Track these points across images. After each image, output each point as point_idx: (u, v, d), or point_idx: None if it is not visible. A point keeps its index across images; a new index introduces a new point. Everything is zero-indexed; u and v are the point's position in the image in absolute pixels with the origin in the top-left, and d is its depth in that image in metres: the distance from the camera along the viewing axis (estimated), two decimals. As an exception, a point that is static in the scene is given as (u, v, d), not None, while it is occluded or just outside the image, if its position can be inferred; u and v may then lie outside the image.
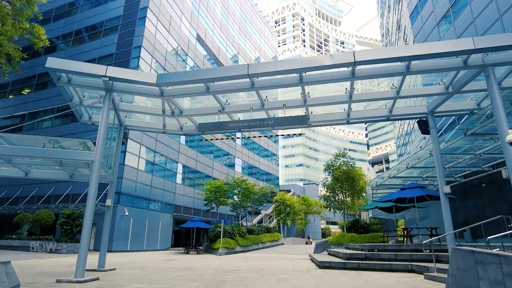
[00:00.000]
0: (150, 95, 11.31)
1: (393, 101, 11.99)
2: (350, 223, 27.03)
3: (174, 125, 14.37)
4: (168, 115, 12.77)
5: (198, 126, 11.98)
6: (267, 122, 11.37)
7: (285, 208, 49.08)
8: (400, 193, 16.65)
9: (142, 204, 31.83)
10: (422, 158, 16.82)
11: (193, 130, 14.15)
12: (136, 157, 31.36)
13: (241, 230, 31.38)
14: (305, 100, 11.55)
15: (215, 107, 12.43)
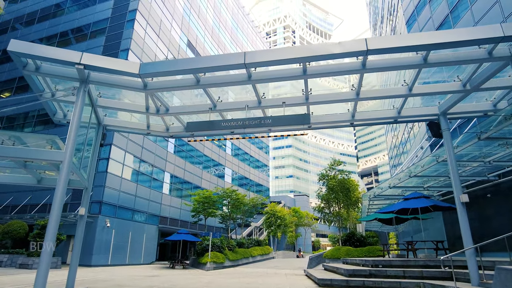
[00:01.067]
0: (132, 88, 9.93)
1: (403, 101, 10.88)
2: (346, 236, 25.74)
3: (159, 125, 12.96)
4: (152, 113, 11.37)
5: (186, 126, 10.61)
6: (264, 122, 10.07)
7: (275, 220, 47.48)
8: (404, 203, 15.47)
9: (125, 215, 29.91)
10: (427, 166, 15.72)
11: (180, 131, 12.75)
12: (120, 164, 29.59)
13: (230, 243, 29.70)
14: (307, 97, 10.32)
15: (205, 104, 11.11)
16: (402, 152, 37.02)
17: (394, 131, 43.28)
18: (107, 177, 27.60)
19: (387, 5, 38.11)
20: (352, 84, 10.21)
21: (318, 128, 12.16)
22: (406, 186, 20.30)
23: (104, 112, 12.54)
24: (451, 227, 21.72)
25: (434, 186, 20.05)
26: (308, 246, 71.80)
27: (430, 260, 12.18)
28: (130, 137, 31.07)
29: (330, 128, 12.59)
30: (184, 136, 13.47)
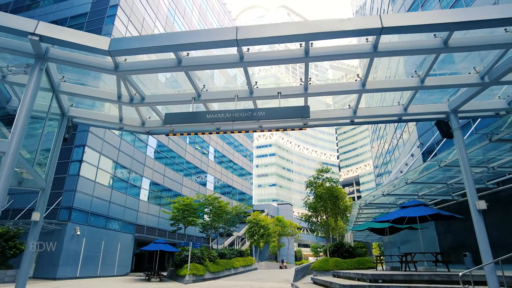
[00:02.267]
0: (100, 68, 8.34)
1: (411, 96, 9.72)
2: (334, 247, 24.44)
3: (134, 119, 11.32)
4: (125, 102, 9.76)
5: (164, 118, 9.06)
6: (256, 114, 8.65)
7: (259, 229, 45.79)
8: (402, 211, 14.30)
9: (98, 223, 27.62)
10: (426, 172, 14.68)
11: (158, 126, 11.17)
12: (94, 167, 27.41)
13: (211, 254, 27.86)
14: (306, 87, 9.00)
15: (187, 93, 9.60)
16: (389, 160, 36.37)
17: (381, 139, 42.79)
18: (78, 181, 25.38)
19: (375, 12, 37.84)
20: (357, 74, 8.96)
21: (316, 125, 10.87)
22: (400, 194, 19.26)
23: (70, 102, 10.81)
24: (444, 237, 20.80)
25: (428, 194, 19.12)
26: (291, 257, 70.22)
27: (436, 275, 10.95)
28: (106, 138, 28.99)
29: (329, 126, 11.31)
30: (162, 132, 11.91)
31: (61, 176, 25.67)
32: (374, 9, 38.78)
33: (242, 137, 67.99)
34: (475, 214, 8.98)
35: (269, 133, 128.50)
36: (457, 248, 19.05)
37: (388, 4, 28.46)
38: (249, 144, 71.89)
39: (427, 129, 22.91)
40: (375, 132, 49.00)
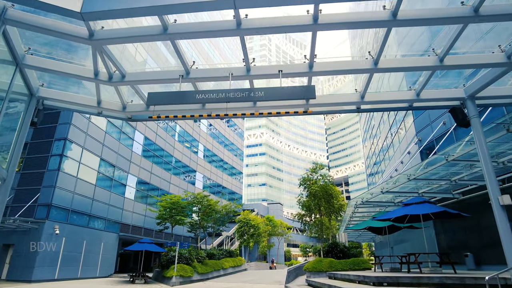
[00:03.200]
0: (72, 36, 7.07)
1: (427, 78, 8.72)
2: (328, 247, 23.48)
3: (114, 102, 10.05)
4: (103, 80, 8.49)
5: (148, 98, 7.83)
6: (255, 94, 7.52)
7: (249, 229, 44.61)
8: (405, 209, 13.34)
9: (80, 221, 26.04)
10: (431, 167, 13.77)
11: (141, 111, 9.93)
12: (75, 162, 25.82)
13: (200, 254, 26.59)
14: (311, 64, 7.89)
15: (174, 70, 8.40)
16: (383, 159, 35.68)
17: (374, 138, 42.14)
18: (58, 177, 23.79)
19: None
20: (369, 51, 7.91)
21: (319, 112, 9.81)
22: (400, 192, 18.38)
23: (40, 81, 9.46)
24: (443, 236, 20.02)
25: (428, 192, 18.29)
26: (280, 257, 69.27)
27: (447, 278, 9.99)
28: (89, 132, 27.41)
29: (333, 112, 10.26)
30: (145, 118, 10.64)
31: (39, 171, 24.05)
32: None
33: (233, 135, 66.74)
34: (498, 210, 8.01)
35: (259, 132, 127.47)
36: (457, 249, 18.26)
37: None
38: (239, 143, 70.68)
39: (426, 125, 22.15)
40: (368, 131, 48.41)
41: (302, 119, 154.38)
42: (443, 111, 20.34)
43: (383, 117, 34.02)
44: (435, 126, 21.10)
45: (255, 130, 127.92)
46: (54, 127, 25.32)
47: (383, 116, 33.94)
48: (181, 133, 46.31)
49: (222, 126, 61.98)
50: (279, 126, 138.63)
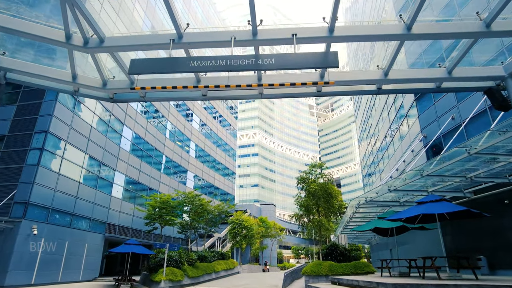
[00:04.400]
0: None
1: (465, 49, 7.39)
2: (327, 249, 22.11)
3: (92, 79, 8.50)
4: (77, 45, 6.96)
5: (130, 65, 6.33)
6: (263, 62, 6.07)
7: (241, 230, 43.07)
8: (420, 208, 12.02)
9: (61, 220, 24.21)
10: (448, 162, 12.49)
11: (124, 88, 8.41)
12: (58, 157, 24.00)
13: (190, 256, 24.98)
14: (331, 28, 6.48)
15: (164, 34, 6.91)
16: (382, 158, 34.60)
17: (371, 137, 41.09)
18: (38, 172, 21.96)
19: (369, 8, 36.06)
20: (400, 14, 6.53)
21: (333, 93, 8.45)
22: (409, 190, 17.12)
23: (1, 49, 7.86)
24: (451, 239, 18.82)
25: (438, 190, 17.07)
26: (273, 259, 67.80)
27: (478, 286, 8.67)
28: (73, 125, 25.61)
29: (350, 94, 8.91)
30: (131, 98, 9.14)
31: (16, 166, 22.20)
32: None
33: (226, 134, 65.17)
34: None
35: (252, 133, 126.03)
36: (467, 251, 17.09)
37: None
38: (232, 142, 69.11)
39: (432, 121, 21.02)
40: (365, 130, 47.40)
41: (296, 120, 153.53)
42: (451, 105, 19.22)
43: (383, 115, 32.94)
44: (442, 121, 19.97)
45: (248, 130, 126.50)
46: (34, 119, 23.50)
47: (383, 114, 32.87)
48: (172, 130, 44.61)
49: (215, 125, 60.41)
50: (272, 127, 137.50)
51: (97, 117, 29.00)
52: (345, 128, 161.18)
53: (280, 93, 8.47)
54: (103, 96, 9.07)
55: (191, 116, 51.01)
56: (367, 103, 42.60)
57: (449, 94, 19.26)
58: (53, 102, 23.79)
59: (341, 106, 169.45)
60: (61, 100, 24.34)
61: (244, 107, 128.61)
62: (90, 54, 7.41)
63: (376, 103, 35.83)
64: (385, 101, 31.15)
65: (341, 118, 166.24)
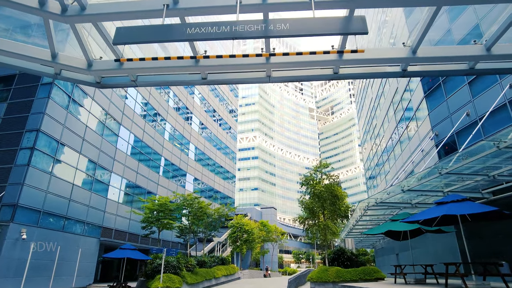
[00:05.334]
0: None
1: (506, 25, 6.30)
2: (333, 254, 20.94)
3: (75, 59, 7.39)
4: (54, 13, 5.86)
5: (115, 33, 5.23)
6: (276, 28, 4.97)
7: (242, 234, 41.81)
8: (442, 209, 10.88)
9: (53, 224, 23.01)
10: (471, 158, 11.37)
11: (113, 69, 7.31)
12: (50, 158, 22.85)
13: (189, 262, 23.76)
14: (356, -12, 5.39)
15: (157, 0, 5.82)
16: (387, 159, 33.47)
17: (376, 138, 40.01)
18: (28, 172, 20.79)
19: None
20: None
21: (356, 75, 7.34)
22: (423, 190, 15.99)
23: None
24: (468, 243, 17.65)
25: (454, 191, 15.92)
26: (274, 264, 66.36)
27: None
28: (67, 124, 24.49)
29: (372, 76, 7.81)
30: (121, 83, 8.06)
31: (5, 167, 21.05)
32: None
33: (226, 137, 64.06)
34: None
35: (252, 136, 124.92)
36: (486, 257, 15.91)
37: None
38: (232, 144, 67.97)
39: (444, 117, 19.93)
40: (368, 132, 46.31)
41: (296, 123, 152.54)
42: (465, 100, 18.14)
43: (388, 114, 31.89)
44: (456, 118, 18.87)
45: (248, 133, 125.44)
46: (25, 117, 22.39)
47: (388, 113, 31.81)
48: (171, 132, 43.50)
49: (215, 127, 59.32)
50: (272, 130, 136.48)
51: (93, 116, 27.90)
52: (345, 131, 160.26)
53: (292, 76, 7.38)
54: (88, 80, 7.98)
55: (190, 118, 49.95)
56: (371, 103, 41.59)
57: (463, 89, 18.22)
58: (45, 100, 22.72)
59: (341, 109, 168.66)
60: (54, 98, 23.26)
61: (244, 110, 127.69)
62: (70, 26, 6.32)
63: (381, 102, 34.80)
64: (391, 100, 30.12)
65: (341, 121, 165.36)
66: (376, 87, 37.25)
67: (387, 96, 31.92)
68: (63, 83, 24.08)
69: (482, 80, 16.99)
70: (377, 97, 37.12)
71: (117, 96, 31.51)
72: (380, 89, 35.05)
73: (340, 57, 6.82)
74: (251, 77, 7.62)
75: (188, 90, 49.26)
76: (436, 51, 7.04)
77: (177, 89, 45.68)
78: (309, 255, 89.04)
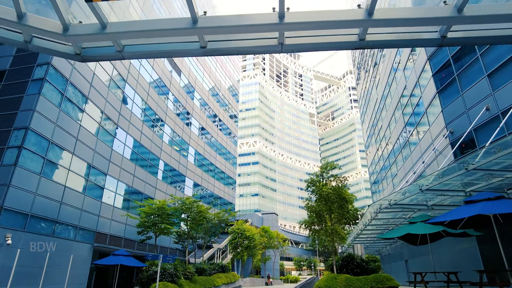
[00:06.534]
0: None
1: None
2: (342, 260, 19.55)
3: (47, 21, 6.13)
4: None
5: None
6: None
7: (243, 240, 40.26)
8: (474, 208, 9.55)
9: (42, 228, 21.61)
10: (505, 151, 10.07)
11: (93, 34, 6.04)
12: (39, 158, 21.51)
13: (188, 269, 22.31)
14: None
15: None
16: (394, 161, 32.13)
17: (381, 141, 38.72)
18: (15, 173, 19.45)
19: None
20: None
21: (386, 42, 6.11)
22: (443, 190, 14.61)
23: None
24: (491, 248, 16.27)
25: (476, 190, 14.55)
26: (276, 271, 64.54)
27: None
28: (60, 122, 23.22)
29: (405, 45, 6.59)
30: (105, 54, 6.79)
31: (-10, 167, 19.72)
32: None
33: (226, 140, 62.77)
34: None
35: (252, 141, 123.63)
36: (512, 264, 14.48)
37: None
38: (233, 148, 66.65)
39: (460, 113, 18.65)
40: (372, 135, 45.04)
41: (296, 129, 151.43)
42: (484, 94, 16.86)
43: (395, 115, 30.64)
44: (473, 114, 17.59)
45: (248, 138, 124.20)
46: (14, 115, 21.13)
47: (395, 114, 30.57)
48: (169, 134, 42.22)
49: (215, 130, 58.09)
50: (273, 135, 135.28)
51: (87, 115, 26.64)
52: (346, 137, 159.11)
53: (308, 43, 6.11)
54: (66, 51, 6.71)
55: (190, 121, 48.73)
56: (376, 106, 40.42)
57: (481, 82, 16.98)
58: (36, 96, 21.48)
59: (341, 115, 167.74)
60: (45, 94, 22.04)
61: (244, 115, 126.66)
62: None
63: (387, 103, 33.60)
64: (399, 99, 28.90)
65: (342, 126, 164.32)
66: (381, 88, 36.10)
67: (394, 96, 30.72)
68: (55, 79, 22.87)
69: (503, 72, 15.77)
70: (382, 98, 35.94)
71: (113, 95, 30.31)
72: (386, 89, 33.88)
73: (369, 16, 5.56)
74: (260, 44, 6.37)
75: (189, 95, 48.17)
76: (485, 9, 5.78)
77: (176, 90, 44.56)
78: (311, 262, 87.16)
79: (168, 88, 42.64)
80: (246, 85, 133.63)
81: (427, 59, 21.79)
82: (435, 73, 21.00)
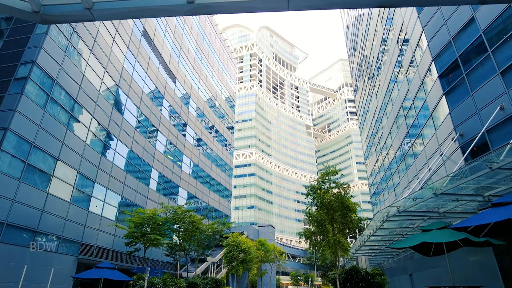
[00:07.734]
0: None
1: None
2: (345, 274, 17.99)
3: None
4: None
5: None
6: None
7: (238, 253, 38.40)
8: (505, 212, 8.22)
9: (19, 239, 19.88)
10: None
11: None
12: (20, 162, 19.95)
13: (178, 284, 20.57)
14: None
15: None
16: (397, 170, 30.84)
17: (382, 150, 37.52)
18: (-10, 177, 17.88)
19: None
20: None
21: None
22: (458, 194, 13.27)
23: None
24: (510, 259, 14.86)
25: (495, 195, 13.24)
26: (273, 286, 62.16)
27: None
28: (43, 124, 21.77)
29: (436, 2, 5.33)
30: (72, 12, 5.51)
31: (-36, 170, 18.13)
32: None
33: (221, 150, 61.34)
34: None
35: (248, 152, 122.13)
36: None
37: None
38: (229, 158, 65.18)
39: (470, 115, 17.48)
40: (372, 145, 43.88)
41: (293, 140, 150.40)
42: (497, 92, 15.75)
43: (397, 122, 29.53)
44: (485, 114, 16.45)
45: (244, 149, 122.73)
46: (-7, 115, 19.67)
47: (397, 121, 29.46)
48: (163, 142, 40.76)
49: (210, 139, 56.71)
50: (269, 147, 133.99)
51: (74, 118, 25.23)
52: (342, 149, 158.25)
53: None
54: (20, 7, 5.40)
55: (185, 129, 47.37)
56: (375, 114, 39.43)
57: (494, 80, 15.87)
58: (17, 96, 20.09)
59: (338, 127, 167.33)
60: (28, 94, 20.67)
61: (241, 126, 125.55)
62: None
63: (388, 110, 32.55)
64: (401, 104, 27.84)
65: (338, 138, 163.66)
66: (382, 95, 35.14)
67: (395, 101, 29.69)
68: (39, 78, 21.53)
69: (519, 68, 14.70)
70: (383, 105, 34.93)
71: (104, 98, 28.98)
72: (387, 96, 32.89)
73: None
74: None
75: (185, 103, 47.01)
76: None
77: (171, 97, 43.35)
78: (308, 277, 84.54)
79: (163, 95, 41.45)
80: (243, 97, 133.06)
81: (432, 60, 20.78)
82: (441, 73, 19.96)
